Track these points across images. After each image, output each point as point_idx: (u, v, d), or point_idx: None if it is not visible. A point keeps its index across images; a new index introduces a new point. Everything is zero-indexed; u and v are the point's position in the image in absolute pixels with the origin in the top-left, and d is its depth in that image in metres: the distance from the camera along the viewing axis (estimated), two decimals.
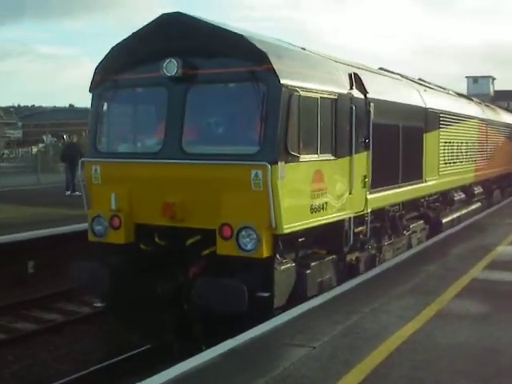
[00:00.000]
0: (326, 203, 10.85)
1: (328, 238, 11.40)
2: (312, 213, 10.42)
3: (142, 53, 10.41)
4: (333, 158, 11.09)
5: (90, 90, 11.03)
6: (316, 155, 10.56)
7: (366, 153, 12.33)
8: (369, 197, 12.51)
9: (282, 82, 9.52)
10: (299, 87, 9.93)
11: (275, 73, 9.43)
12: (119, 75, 10.77)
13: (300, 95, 9.94)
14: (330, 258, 11.44)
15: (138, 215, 10.59)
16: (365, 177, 12.31)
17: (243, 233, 9.58)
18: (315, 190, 10.49)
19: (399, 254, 14.73)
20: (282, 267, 9.98)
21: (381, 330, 8.47)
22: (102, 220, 10.72)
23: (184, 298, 9.95)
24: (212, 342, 9.15)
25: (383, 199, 13.41)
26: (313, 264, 10.85)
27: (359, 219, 12.38)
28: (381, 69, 16.08)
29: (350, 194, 11.64)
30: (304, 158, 10.16)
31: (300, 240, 10.56)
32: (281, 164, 9.53)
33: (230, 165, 9.71)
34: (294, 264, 10.36)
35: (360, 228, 12.38)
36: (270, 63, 9.45)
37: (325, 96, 10.71)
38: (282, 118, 9.54)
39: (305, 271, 10.64)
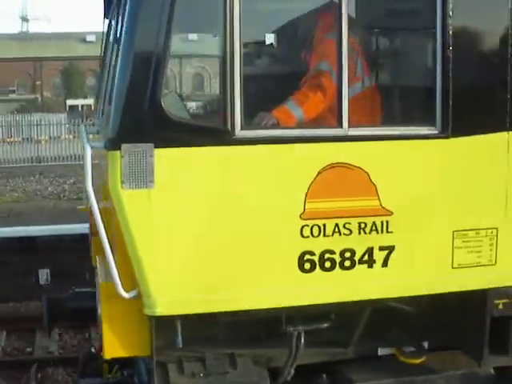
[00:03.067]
0: (391, 256, 4.32)
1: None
2: (304, 272, 4.19)
3: None
4: (433, 132, 4.34)
5: None
6: (338, 128, 4.20)
7: None
8: None
9: None
10: None
11: None
12: None
13: None
14: None
15: None
16: None
17: None
18: (314, 216, 4.17)
19: None
20: None
21: None
22: None
23: None
24: None
25: None
26: None
27: None
28: None
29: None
30: (252, 133, 4.10)
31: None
32: (127, 147, 3.83)
33: None
34: None
35: None
36: None
37: None
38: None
39: None
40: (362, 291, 4.32)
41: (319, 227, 4.16)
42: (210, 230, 4.04)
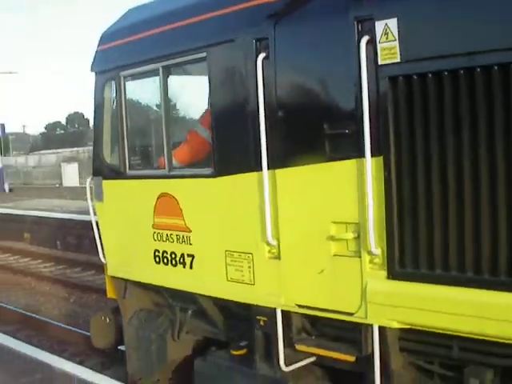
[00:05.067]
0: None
1: None
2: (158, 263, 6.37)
3: None
4: (209, 172, 5.76)
5: None
6: (163, 170, 6.20)
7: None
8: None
9: None
10: None
11: None
12: None
13: None
14: None
15: None
16: None
17: None
18: (158, 227, 6.31)
19: None
20: None
21: None
22: None
23: None
24: None
25: None
26: None
27: None
28: None
29: None
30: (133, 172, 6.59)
31: None
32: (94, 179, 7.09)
33: None
34: None
35: None
36: None
37: None
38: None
39: None
40: (181, 284, 6.10)
41: (160, 235, 6.26)
42: (116, 229, 6.82)
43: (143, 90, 6.63)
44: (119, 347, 7.67)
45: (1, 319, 11.28)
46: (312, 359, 5.33)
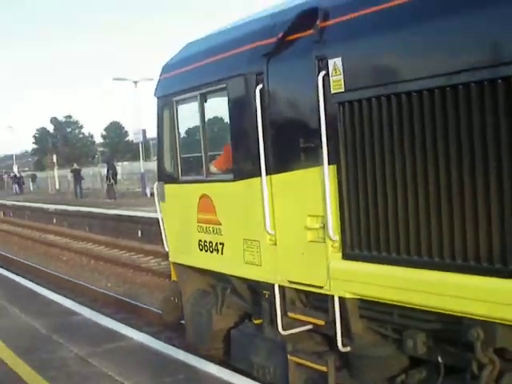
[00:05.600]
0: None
1: None
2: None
3: None
4: (230, 177, 7.27)
5: None
6: (202, 176, 7.78)
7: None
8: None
9: None
10: None
11: None
12: None
13: None
14: None
15: None
16: None
17: None
18: (200, 221, 7.86)
19: None
20: None
21: None
22: None
23: None
24: None
25: None
26: None
27: None
28: None
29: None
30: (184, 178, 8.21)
31: None
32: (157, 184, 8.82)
33: None
34: None
35: None
36: None
37: None
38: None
39: None
40: (216, 266, 7.63)
41: (202, 227, 7.83)
42: (174, 223, 8.47)
43: (189, 113, 8.23)
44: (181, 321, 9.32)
45: (144, 320, 11.95)
46: (308, 327, 6.65)
